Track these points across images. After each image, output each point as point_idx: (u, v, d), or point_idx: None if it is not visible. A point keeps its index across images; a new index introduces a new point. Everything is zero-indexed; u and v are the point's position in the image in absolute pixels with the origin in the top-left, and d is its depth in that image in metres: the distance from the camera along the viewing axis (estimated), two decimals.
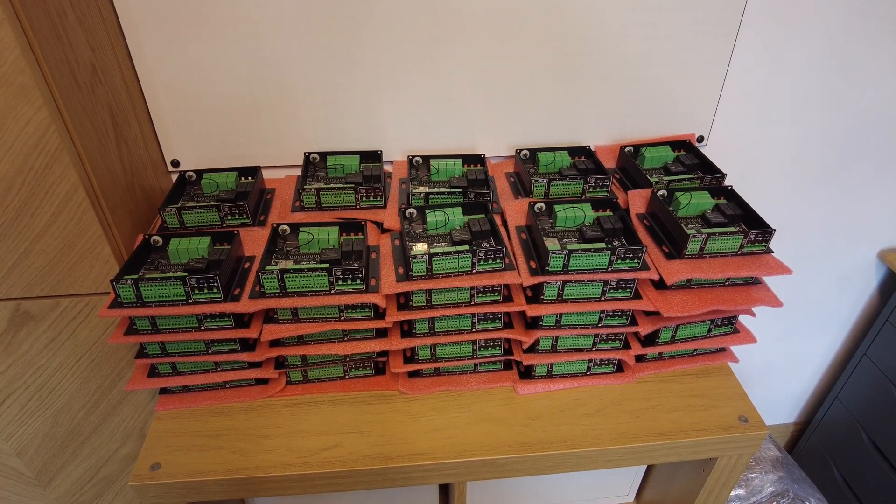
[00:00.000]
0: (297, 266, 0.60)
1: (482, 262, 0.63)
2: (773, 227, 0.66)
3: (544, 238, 0.65)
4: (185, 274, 0.60)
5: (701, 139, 0.88)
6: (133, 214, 0.72)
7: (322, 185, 0.75)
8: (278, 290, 0.61)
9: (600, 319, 0.67)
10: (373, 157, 0.80)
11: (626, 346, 0.71)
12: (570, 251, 0.61)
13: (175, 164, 0.81)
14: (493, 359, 0.70)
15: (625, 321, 0.68)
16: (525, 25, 0.75)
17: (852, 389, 1.21)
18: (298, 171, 0.84)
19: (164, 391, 0.69)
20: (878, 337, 1.14)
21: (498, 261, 0.63)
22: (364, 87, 0.78)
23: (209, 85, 0.75)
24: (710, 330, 0.72)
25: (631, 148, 0.82)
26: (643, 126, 0.87)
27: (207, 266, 0.63)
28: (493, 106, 0.82)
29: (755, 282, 0.69)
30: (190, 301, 0.60)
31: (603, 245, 0.63)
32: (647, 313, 0.69)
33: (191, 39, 0.72)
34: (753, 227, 0.67)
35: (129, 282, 0.58)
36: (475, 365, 0.71)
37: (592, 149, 0.81)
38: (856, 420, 1.21)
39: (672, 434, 0.67)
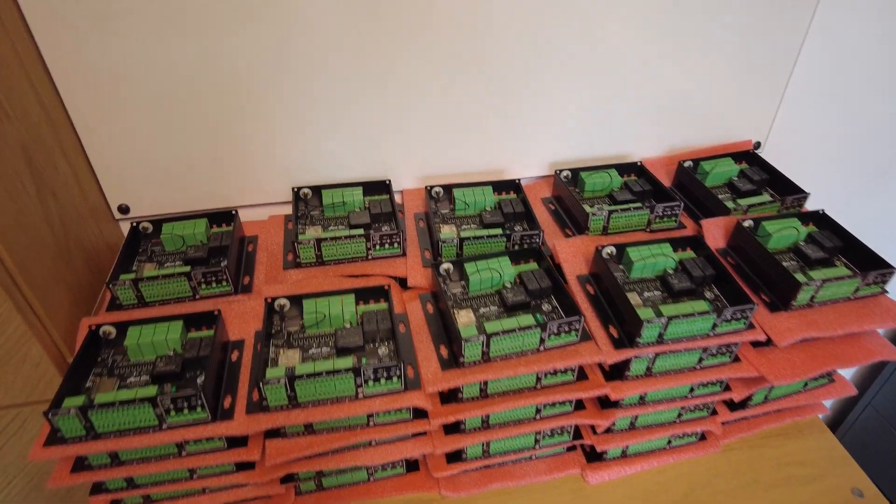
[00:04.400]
0: (312, 368, 0.44)
1: (552, 336, 0.48)
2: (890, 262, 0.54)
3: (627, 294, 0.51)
4: (155, 392, 0.42)
5: (758, 145, 0.75)
6: (72, 288, 0.53)
7: (322, 234, 0.58)
8: (286, 402, 0.44)
9: (692, 390, 0.54)
10: (379, 187, 0.64)
11: (713, 412, 0.58)
12: (670, 318, 0.47)
13: (123, 209, 0.63)
14: (557, 445, 0.56)
15: (718, 388, 0.55)
16: (552, 22, 0.60)
17: (888, 395, 1.13)
18: (283, 209, 0.67)
19: None
20: None
21: (572, 333, 0.48)
22: (361, 99, 0.61)
23: (159, 104, 0.57)
24: (806, 384, 0.60)
25: (690, 163, 0.68)
26: (693, 134, 0.73)
27: (182, 367, 0.46)
28: (519, 118, 0.66)
29: None
30: (164, 427, 0.43)
31: (705, 306, 0.49)
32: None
33: (127, 41, 0.53)
34: (865, 263, 0.55)
35: (72, 411, 0.40)
36: (533, 454, 0.57)
37: (642, 164, 0.67)
38: (892, 427, 1.14)
39: None
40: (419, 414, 0.49)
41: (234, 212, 0.59)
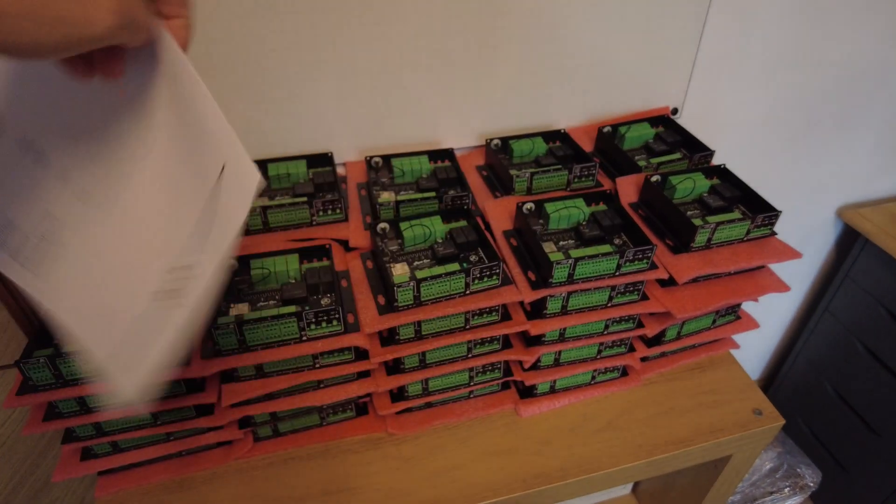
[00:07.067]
0: (258, 314, 0.49)
1: (476, 281, 0.54)
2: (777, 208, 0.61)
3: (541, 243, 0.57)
4: None
5: (675, 111, 0.82)
6: None
7: (267, 202, 0.63)
8: (237, 346, 0.49)
9: (606, 326, 0.61)
10: (322, 160, 0.69)
11: (631, 349, 0.65)
12: (576, 259, 0.53)
13: None
14: (491, 382, 0.62)
15: (632, 325, 0.62)
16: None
17: (815, 345, 1.23)
18: None
19: (104, 471, 0.57)
20: (839, 292, 1.15)
21: (494, 277, 0.54)
22: (300, 74, 0.66)
23: None
24: (714, 321, 0.67)
25: (609, 128, 0.74)
26: (614, 103, 0.79)
27: None
28: (452, 91, 0.72)
29: (759, 266, 0.64)
30: None
31: (609, 248, 0.56)
32: (652, 313, 0.63)
33: None
34: (757, 209, 0.62)
35: (42, 360, 0.45)
36: (470, 391, 0.63)
37: (565, 131, 0.73)
38: (820, 374, 1.23)
39: (690, 440, 0.62)
40: (363, 356, 0.55)
41: None
